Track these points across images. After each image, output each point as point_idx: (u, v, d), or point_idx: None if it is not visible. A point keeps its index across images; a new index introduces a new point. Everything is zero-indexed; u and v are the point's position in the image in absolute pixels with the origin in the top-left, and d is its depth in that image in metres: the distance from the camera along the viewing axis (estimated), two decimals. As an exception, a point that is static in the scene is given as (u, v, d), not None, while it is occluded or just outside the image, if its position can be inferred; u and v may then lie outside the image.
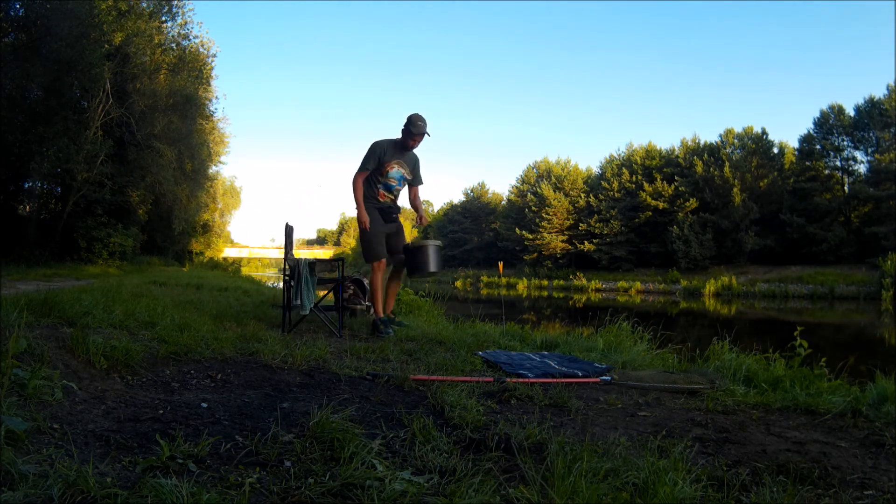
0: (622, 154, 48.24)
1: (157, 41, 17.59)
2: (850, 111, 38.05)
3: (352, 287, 5.47)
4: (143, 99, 16.90)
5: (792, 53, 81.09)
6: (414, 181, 4.98)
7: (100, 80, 14.15)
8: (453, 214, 60.50)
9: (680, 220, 40.46)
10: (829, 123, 38.62)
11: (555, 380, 2.94)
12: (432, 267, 4.69)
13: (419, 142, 4.81)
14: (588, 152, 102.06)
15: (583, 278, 41.76)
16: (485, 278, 45.18)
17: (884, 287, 27.80)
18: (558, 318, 15.91)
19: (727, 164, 40.05)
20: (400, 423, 2.02)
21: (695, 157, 41.78)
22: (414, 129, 4.70)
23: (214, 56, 22.04)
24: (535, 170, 51.93)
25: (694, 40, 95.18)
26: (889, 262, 28.61)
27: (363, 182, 4.72)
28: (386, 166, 4.72)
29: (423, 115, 4.78)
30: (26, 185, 16.98)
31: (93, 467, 1.37)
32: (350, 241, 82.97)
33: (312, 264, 4.45)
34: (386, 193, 4.82)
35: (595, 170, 50.68)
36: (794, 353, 3.71)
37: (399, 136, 4.80)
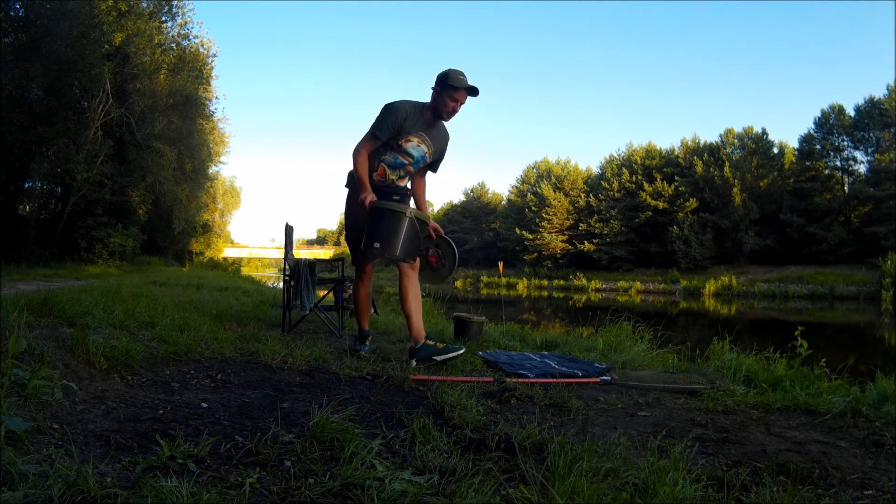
0: (622, 154, 48.32)
1: (157, 41, 17.61)
2: (851, 111, 38.15)
3: (351, 287, 5.46)
4: (143, 99, 16.93)
5: (792, 53, 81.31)
6: (432, 166, 3.62)
7: (100, 80, 14.17)
8: (453, 214, 60.52)
9: (680, 220, 40.51)
10: (830, 123, 38.67)
11: (555, 380, 2.94)
12: (398, 251, 3.18)
13: (460, 106, 3.34)
14: (588, 152, 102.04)
15: (583, 278, 41.76)
16: (485, 278, 45.17)
17: (884, 287, 27.82)
18: (558, 318, 15.89)
19: (727, 164, 40.10)
20: (400, 423, 2.02)
21: (695, 157, 41.83)
22: (455, 83, 3.24)
23: (214, 56, 22.13)
24: (535, 170, 51.98)
25: (694, 40, 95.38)
26: (889, 262, 28.63)
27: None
28: (403, 139, 3.40)
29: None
30: (26, 185, 17.04)
31: (93, 467, 1.37)
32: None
33: (312, 264, 4.46)
34: (389, 171, 3.49)
35: (595, 170, 50.81)
36: (795, 353, 3.71)
37: (428, 99, 3.40)
